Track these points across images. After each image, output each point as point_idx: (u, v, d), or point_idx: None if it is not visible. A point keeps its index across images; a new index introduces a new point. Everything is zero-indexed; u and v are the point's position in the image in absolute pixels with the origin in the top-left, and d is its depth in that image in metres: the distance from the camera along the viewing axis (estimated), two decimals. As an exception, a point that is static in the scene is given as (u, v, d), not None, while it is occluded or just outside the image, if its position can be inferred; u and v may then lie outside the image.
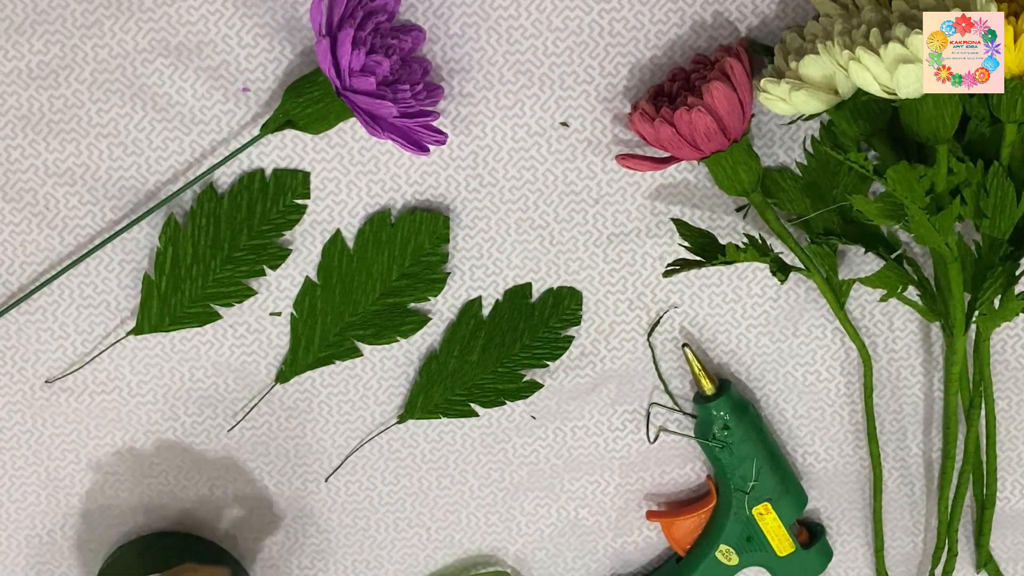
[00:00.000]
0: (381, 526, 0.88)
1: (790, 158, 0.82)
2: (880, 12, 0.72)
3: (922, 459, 0.88)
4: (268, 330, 0.84)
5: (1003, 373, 0.86)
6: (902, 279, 0.80)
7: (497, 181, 0.82)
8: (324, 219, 0.82)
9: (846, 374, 0.86)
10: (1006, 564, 0.89)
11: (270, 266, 0.82)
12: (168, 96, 0.80)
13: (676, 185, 0.83)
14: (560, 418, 0.86)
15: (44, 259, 0.82)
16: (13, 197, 0.81)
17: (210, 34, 0.80)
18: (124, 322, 0.83)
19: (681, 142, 0.76)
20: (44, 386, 0.84)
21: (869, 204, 0.75)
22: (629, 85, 0.81)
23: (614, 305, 0.84)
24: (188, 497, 0.86)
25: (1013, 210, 0.76)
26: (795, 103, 0.75)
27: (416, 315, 0.84)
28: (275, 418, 0.86)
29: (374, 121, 0.76)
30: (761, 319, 0.85)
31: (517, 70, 0.81)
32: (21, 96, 0.80)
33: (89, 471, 0.86)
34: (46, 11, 0.79)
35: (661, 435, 0.87)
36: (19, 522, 0.86)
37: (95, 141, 0.81)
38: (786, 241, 0.80)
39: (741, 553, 0.86)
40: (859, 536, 0.89)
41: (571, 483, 0.87)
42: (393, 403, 0.86)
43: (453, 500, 0.88)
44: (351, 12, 0.75)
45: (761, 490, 0.84)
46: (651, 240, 0.83)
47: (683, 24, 0.80)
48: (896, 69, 0.69)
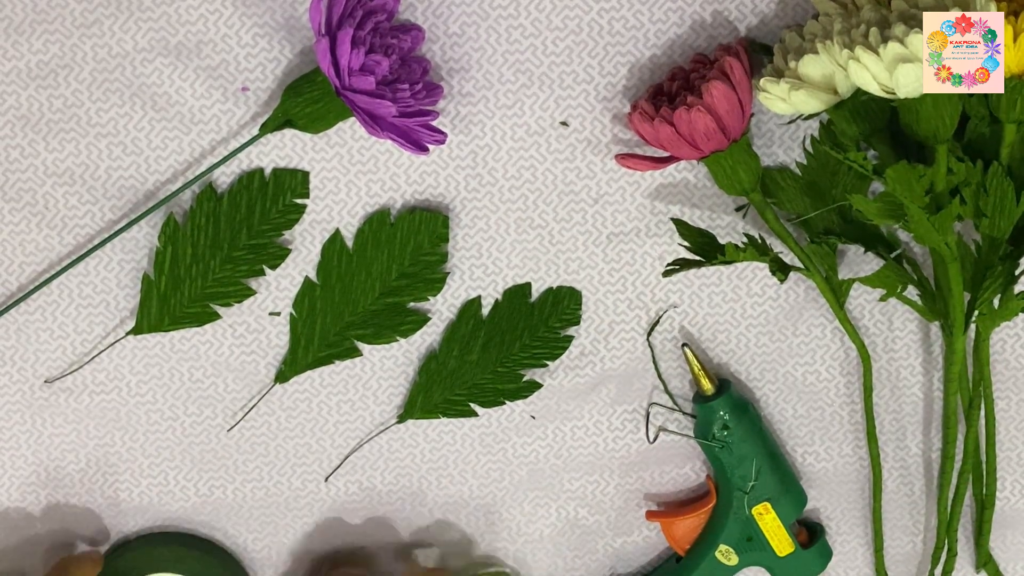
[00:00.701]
0: (381, 526, 0.88)
1: (790, 158, 0.82)
2: (880, 12, 0.72)
3: (922, 459, 0.88)
4: (268, 330, 0.84)
5: (1003, 373, 0.86)
6: (902, 279, 0.80)
7: (497, 181, 0.82)
8: (323, 219, 0.82)
9: (846, 374, 0.86)
10: (1006, 564, 0.89)
11: (270, 266, 0.82)
12: (168, 96, 0.80)
13: (676, 185, 0.83)
14: (560, 418, 0.86)
15: (44, 259, 0.82)
16: (13, 197, 0.81)
17: (210, 34, 0.80)
18: (124, 322, 0.83)
19: (681, 142, 0.76)
20: (44, 386, 0.84)
21: (869, 204, 0.75)
22: (629, 85, 0.81)
23: (614, 305, 0.84)
24: (188, 497, 0.86)
25: (1013, 210, 0.76)
26: (794, 103, 0.75)
27: (416, 315, 0.84)
28: (275, 418, 0.86)
29: (374, 121, 0.76)
30: (761, 319, 0.85)
31: (517, 70, 0.81)
32: (21, 96, 0.80)
33: (89, 471, 0.86)
34: (46, 11, 0.79)
35: (661, 435, 0.87)
36: (19, 522, 0.86)
37: (95, 141, 0.81)
38: (786, 241, 0.80)
39: (741, 553, 0.86)
40: (859, 536, 0.89)
41: (571, 483, 0.87)
42: (393, 403, 0.86)
43: (453, 500, 0.88)
44: (350, 11, 0.75)
45: (761, 490, 0.84)
46: (651, 240, 0.83)
47: (683, 24, 0.80)
48: (896, 69, 0.69)
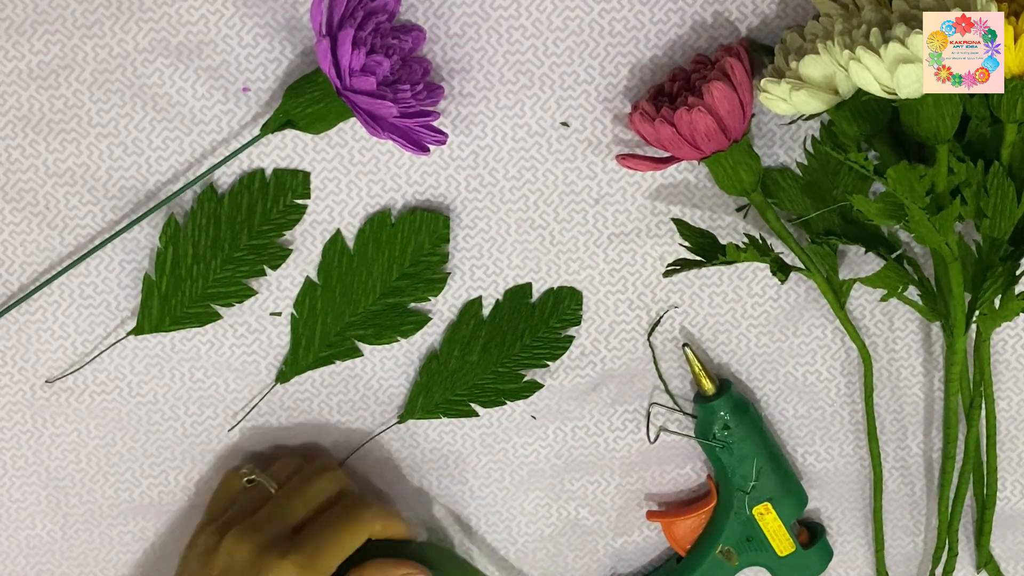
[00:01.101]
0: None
1: (790, 158, 0.82)
2: (880, 12, 0.72)
3: (922, 459, 0.88)
4: (268, 330, 0.84)
5: (1003, 373, 0.86)
6: (902, 279, 0.80)
7: (497, 181, 0.82)
8: (324, 219, 0.82)
9: (846, 374, 0.86)
10: (1006, 564, 0.89)
11: (270, 266, 0.82)
12: (168, 96, 0.80)
13: (676, 185, 0.83)
14: (560, 418, 0.86)
15: (44, 259, 0.82)
16: (13, 197, 0.81)
17: (210, 34, 0.80)
18: (124, 322, 0.83)
19: (681, 142, 0.76)
20: (44, 386, 0.84)
21: (869, 204, 0.75)
22: (629, 85, 0.81)
23: (614, 305, 0.84)
24: (188, 497, 0.86)
25: (1013, 210, 0.76)
26: (795, 103, 0.75)
27: (416, 315, 0.84)
28: (275, 418, 0.86)
29: (374, 121, 0.76)
30: (761, 319, 0.85)
31: (517, 70, 0.81)
32: (21, 96, 0.80)
33: (89, 471, 0.86)
34: (46, 11, 0.79)
35: (661, 435, 0.87)
36: (19, 522, 0.86)
37: (95, 141, 0.81)
38: (786, 241, 0.80)
39: (741, 553, 0.86)
40: (859, 536, 0.89)
41: (571, 483, 0.87)
42: (393, 403, 0.86)
43: (453, 500, 0.88)
44: (351, 12, 0.75)
45: (761, 490, 0.84)
46: (651, 240, 0.83)
47: (683, 24, 0.80)
48: (896, 69, 0.69)
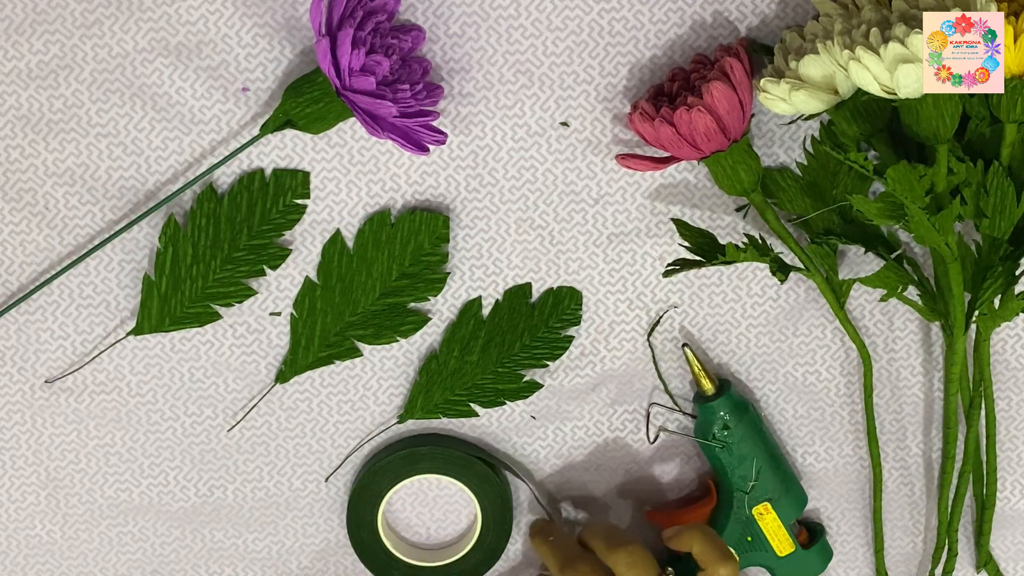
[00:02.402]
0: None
1: (790, 158, 0.82)
2: (880, 12, 0.72)
3: (922, 459, 0.88)
4: (268, 330, 0.84)
5: (1003, 373, 0.86)
6: (902, 279, 0.80)
7: (497, 181, 0.82)
8: (324, 219, 0.82)
9: (846, 374, 0.86)
10: (1006, 564, 0.89)
11: (270, 266, 0.82)
12: (168, 96, 0.80)
13: (676, 185, 0.83)
14: (560, 418, 0.86)
15: (44, 259, 0.82)
16: (13, 197, 0.81)
17: (210, 34, 0.80)
18: (124, 322, 0.83)
19: (681, 142, 0.76)
20: (44, 386, 0.84)
21: (869, 204, 0.75)
22: (629, 85, 0.81)
23: (614, 305, 0.84)
24: (188, 497, 0.86)
25: (1013, 210, 0.76)
26: (795, 103, 0.75)
27: (416, 315, 0.84)
28: (275, 418, 0.86)
29: (374, 121, 0.76)
30: (761, 319, 0.85)
31: (517, 70, 0.81)
32: (21, 96, 0.80)
33: (89, 471, 0.86)
34: (46, 11, 0.79)
35: (661, 435, 0.87)
36: (19, 522, 0.86)
37: (95, 141, 0.81)
38: (786, 241, 0.80)
39: (741, 553, 0.85)
40: (859, 536, 0.89)
41: (571, 483, 0.87)
42: (393, 403, 0.86)
43: (454, 500, 0.88)
44: (351, 12, 0.75)
45: (761, 490, 0.84)
46: (651, 240, 0.83)
47: (683, 24, 0.80)
48: (896, 69, 0.69)
